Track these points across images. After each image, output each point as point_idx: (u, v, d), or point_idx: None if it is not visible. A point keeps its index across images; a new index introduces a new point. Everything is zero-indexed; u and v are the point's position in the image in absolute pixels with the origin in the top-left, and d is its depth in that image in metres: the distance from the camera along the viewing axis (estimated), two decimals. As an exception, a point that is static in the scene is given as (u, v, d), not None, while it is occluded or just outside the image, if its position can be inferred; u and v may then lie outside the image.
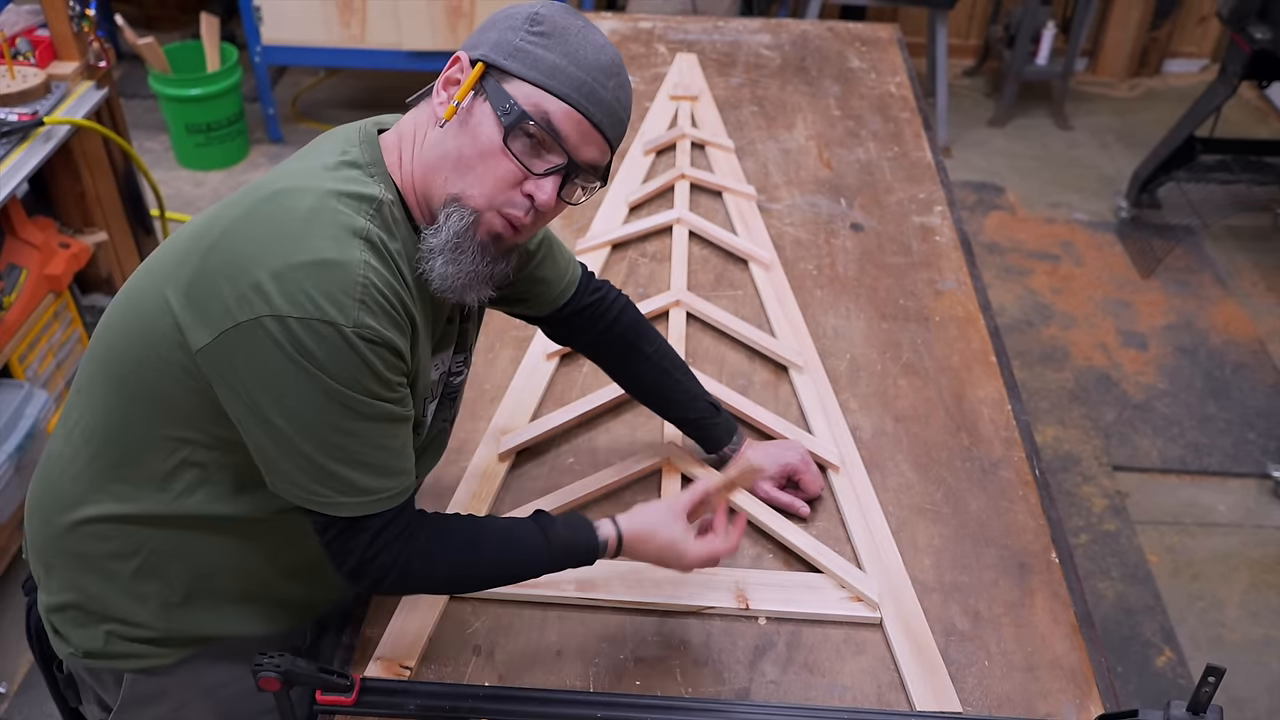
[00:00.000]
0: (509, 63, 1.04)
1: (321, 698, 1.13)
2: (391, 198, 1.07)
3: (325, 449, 1.03)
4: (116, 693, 1.25)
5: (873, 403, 1.67)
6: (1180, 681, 2.36)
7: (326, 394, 1.00)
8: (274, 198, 1.03)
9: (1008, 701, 1.24)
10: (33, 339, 2.42)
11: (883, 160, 2.32)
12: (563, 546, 1.17)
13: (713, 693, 1.24)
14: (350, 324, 0.98)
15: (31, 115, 2.28)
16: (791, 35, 2.89)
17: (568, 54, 1.04)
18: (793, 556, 1.40)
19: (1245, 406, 3.12)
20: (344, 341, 0.99)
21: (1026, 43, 4.29)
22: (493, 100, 1.04)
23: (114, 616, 1.20)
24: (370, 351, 1.00)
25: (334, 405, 1.01)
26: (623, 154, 2.26)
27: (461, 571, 1.16)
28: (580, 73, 1.04)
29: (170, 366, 1.04)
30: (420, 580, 1.15)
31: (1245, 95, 4.70)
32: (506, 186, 1.05)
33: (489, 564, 1.16)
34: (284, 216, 1.01)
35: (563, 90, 1.03)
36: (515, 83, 1.04)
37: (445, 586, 1.25)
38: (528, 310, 1.40)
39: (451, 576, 1.17)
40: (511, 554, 1.16)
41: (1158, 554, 2.68)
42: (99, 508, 1.15)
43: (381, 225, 1.05)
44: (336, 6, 3.75)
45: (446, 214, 1.06)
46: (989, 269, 3.61)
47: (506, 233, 1.08)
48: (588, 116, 1.04)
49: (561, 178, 1.06)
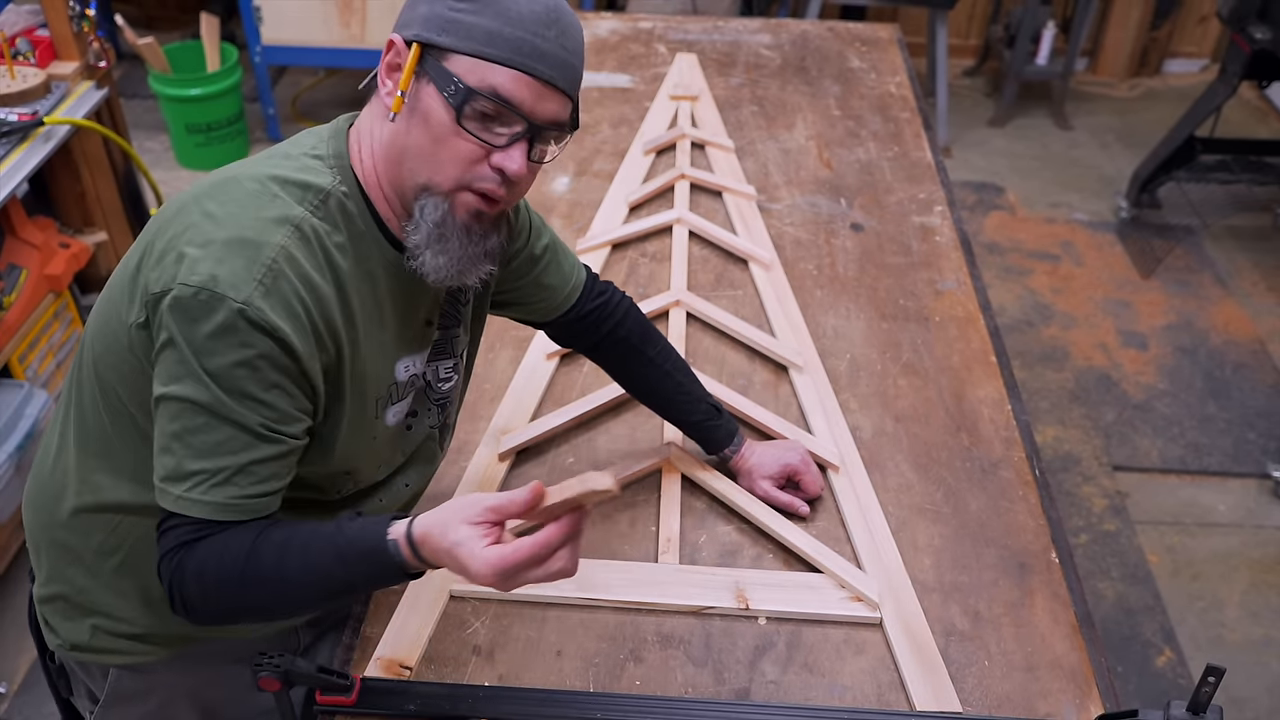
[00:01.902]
0: (443, 38, 1.00)
1: (321, 698, 1.13)
2: (346, 190, 1.05)
3: (176, 425, 0.98)
4: (104, 686, 1.25)
5: (873, 403, 1.67)
6: (1180, 681, 2.36)
7: (194, 376, 0.96)
8: (222, 183, 1.03)
9: (1008, 701, 1.24)
10: (33, 339, 2.42)
11: (883, 160, 2.32)
12: (357, 534, 0.99)
13: (713, 693, 1.23)
14: (240, 301, 0.95)
15: (31, 115, 2.28)
16: (791, 35, 2.89)
17: (499, 14, 0.99)
18: (793, 556, 1.40)
19: (1245, 406, 3.12)
20: (227, 318, 0.95)
21: (1026, 43, 4.29)
22: (436, 82, 1.00)
23: (99, 611, 1.20)
24: (252, 337, 0.96)
25: (200, 388, 0.96)
26: (622, 154, 2.26)
27: (240, 581, 0.99)
28: (517, 31, 0.99)
29: (123, 350, 1.04)
30: (200, 597, 1.00)
31: (1245, 95, 4.70)
32: (471, 164, 1.02)
33: (271, 569, 0.99)
34: (224, 199, 1.01)
35: (503, 56, 0.99)
36: (454, 58, 1.00)
37: (234, 600, 1.02)
38: (532, 316, 1.39)
39: (228, 583, 0.99)
40: (300, 557, 0.99)
41: (1158, 554, 2.68)
42: (81, 498, 1.15)
43: (324, 216, 1.03)
44: (336, 6, 3.75)
45: (420, 206, 1.04)
46: (989, 269, 3.61)
47: (485, 207, 1.05)
48: (536, 75, 1.00)
49: (527, 143, 1.03)
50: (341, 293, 1.04)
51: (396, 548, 0.97)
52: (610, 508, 1.46)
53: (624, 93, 2.52)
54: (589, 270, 1.42)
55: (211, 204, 1.01)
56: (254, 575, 0.98)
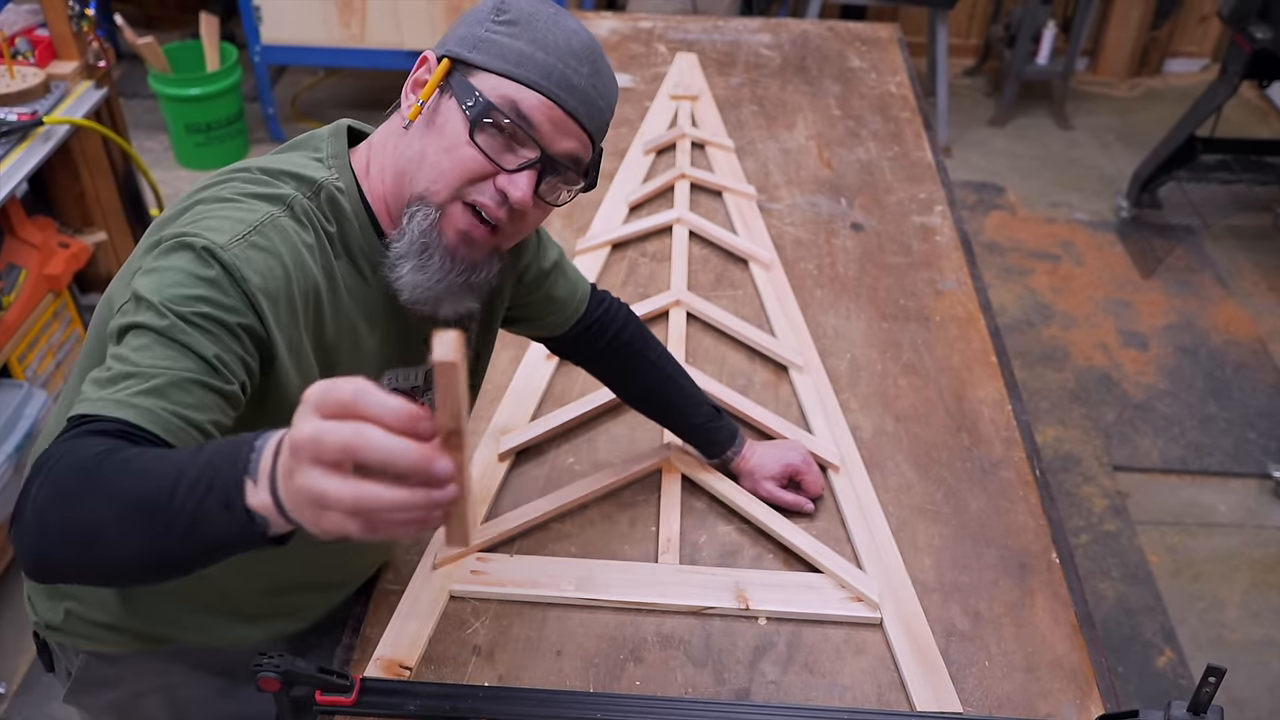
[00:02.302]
0: (474, 55, 0.99)
1: (321, 698, 1.13)
2: (341, 186, 1.03)
3: (119, 350, 0.88)
4: (76, 668, 1.26)
5: (873, 403, 1.67)
6: (1181, 682, 2.36)
7: (151, 307, 0.88)
8: (220, 181, 1.02)
9: (1008, 702, 1.24)
10: (32, 339, 2.42)
11: (883, 160, 2.32)
12: (214, 449, 0.74)
13: (713, 693, 1.23)
14: (217, 245, 0.91)
15: (31, 115, 2.27)
16: (791, 35, 2.89)
17: (535, 40, 0.98)
18: (793, 556, 1.40)
19: (1246, 406, 3.12)
20: (198, 255, 0.90)
21: (1027, 42, 4.28)
22: (458, 95, 0.98)
23: (73, 595, 1.20)
24: (219, 277, 0.90)
25: (155, 314, 0.88)
26: (622, 153, 2.26)
27: (87, 477, 0.77)
28: (550, 59, 0.98)
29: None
30: (42, 491, 0.79)
31: (1246, 95, 4.70)
32: (475, 178, 0.99)
33: (118, 469, 0.77)
34: (221, 189, 1.00)
35: (531, 78, 0.97)
36: (481, 75, 0.98)
37: (69, 503, 0.78)
38: (542, 331, 1.37)
39: (76, 475, 0.78)
40: (152, 461, 0.76)
41: (1158, 554, 2.68)
42: None
43: (317, 206, 1.01)
44: (336, 6, 3.74)
45: (410, 214, 1.01)
46: (989, 269, 3.61)
47: (476, 230, 1.01)
48: (560, 104, 0.98)
49: (537, 173, 0.99)
50: (329, 274, 1.02)
51: (261, 452, 0.70)
52: (610, 508, 1.46)
53: (624, 92, 2.52)
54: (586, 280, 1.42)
55: (207, 193, 1.00)
56: (104, 475, 0.76)
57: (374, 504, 0.63)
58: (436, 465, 0.63)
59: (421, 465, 0.63)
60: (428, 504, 0.64)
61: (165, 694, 1.29)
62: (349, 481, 0.63)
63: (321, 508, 0.65)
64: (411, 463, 0.63)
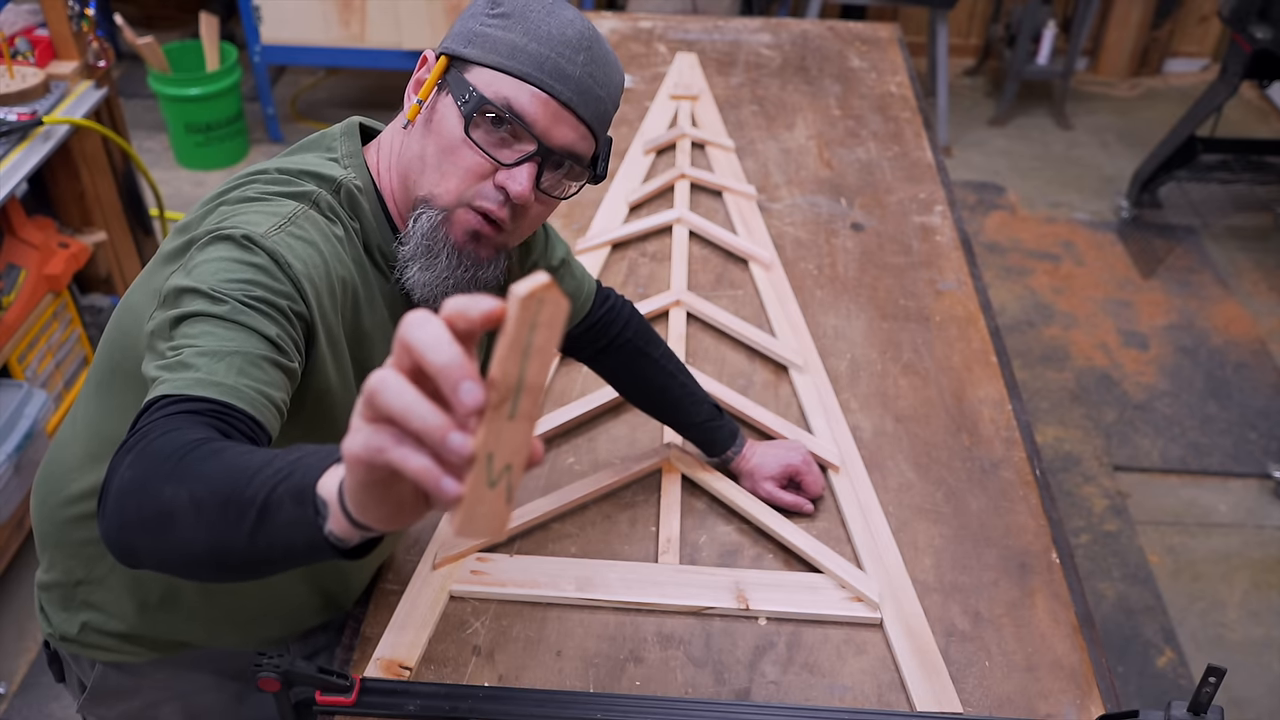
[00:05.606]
0: (468, 50, 0.99)
1: (321, 698, 1.13)
2: (360, 184, 1.04)
3: (180, 340, 0.87)
4: (91, 678, 1.26)
5: (873, 403, 1.66)
6: (1181, 682, 2.36)
7: (204, 294, 0.89)
8: (240, 184, 1.03)
9: (1008, 702, 1.24)
10: (32, 339, 2.42)
11: (883, 160, 2.32)
12: (309, 448, 0.72)
13: (713, 693, 1.23)
14: (257, 233, 0.92)
15: (31, 115, 2.27)
16: (792, 35, 2.89)
17: (528, 31, 0.97)
18: (793, 557, 1.40)
19: (1246, 406, 3.11)
20: (240, 243, 0.92)
21: (1027, 42, 4.28)
22: (454, 92, 0.99)
23: (92, 605, 1.20)
24: (265, 261, 0.91)
25: (210, 301, 0.88)
26: (622, 153, 2.26)
27: (173, 464, 0.75)
28: (543, 49, 0.97)
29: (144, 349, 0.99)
30: (129, 472, 0.77)
31: (1246, 95, 4.70)
32: (474, 179, 0.99)
33: (199, 463, 0.75)
34: (246, 188, 1.01)
35: (522, 70, 0.97)
36: (476, 70, 0.98)
37: (152, 490, 0.76)
38: None
39: (162, 461, 0.76)
40: (234, 457, 0.75)
41: (1158, 554, 2.67)
42: (82, 484, 1.14)
43: (339, 202, 1.02)
44: (336, 6, 3.74)
45: (415, 216, 1.02)
46: (989, 269, 3.61)
47: (484, 229, 1.02)
48: (553, 95, 0.97)
49: (536, 166, 0.99)
50: (360, 267, 1.03)
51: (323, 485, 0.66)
52: (610, 508, 1.46)
53: (624, 92, 2.51)
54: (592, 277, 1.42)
55: (229, 196, 1.01)
56: (188, 465, 0.75)
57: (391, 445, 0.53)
58: (451, 440, 0.51)
59: (435, 434, 0.51)
60: (433, 480, 0.52)
61: (182, 702, 1.28)
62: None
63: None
64: (424, 427, 0.51)
